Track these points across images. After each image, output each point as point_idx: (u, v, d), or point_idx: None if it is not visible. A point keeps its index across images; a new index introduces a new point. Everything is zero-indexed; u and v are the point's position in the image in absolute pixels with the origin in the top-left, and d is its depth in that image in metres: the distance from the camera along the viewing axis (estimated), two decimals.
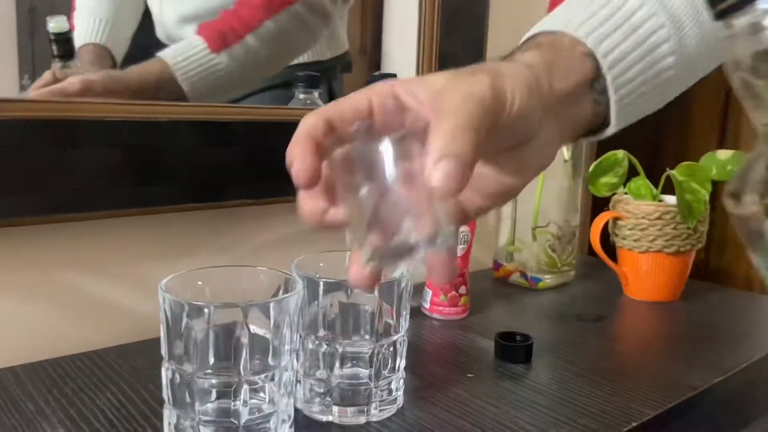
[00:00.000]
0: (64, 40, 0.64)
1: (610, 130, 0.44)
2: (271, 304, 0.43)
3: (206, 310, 0.41)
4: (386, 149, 0.33)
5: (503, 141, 0.37)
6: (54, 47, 0.63)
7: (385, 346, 0.50)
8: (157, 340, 0.44)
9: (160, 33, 0.72)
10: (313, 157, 0.34)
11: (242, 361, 0.42)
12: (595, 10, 0.40)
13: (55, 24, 0.63)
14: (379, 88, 0.37)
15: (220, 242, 0.73)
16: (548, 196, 0.87)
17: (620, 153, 0.83)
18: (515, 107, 0.36)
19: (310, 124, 0.35)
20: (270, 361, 0.44)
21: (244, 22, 0.71)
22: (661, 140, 1.28)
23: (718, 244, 1.48)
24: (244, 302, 0.43)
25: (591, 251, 0.85)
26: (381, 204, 0.34)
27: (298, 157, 0.34)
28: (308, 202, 0.35)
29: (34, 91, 0.62)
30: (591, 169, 0.85)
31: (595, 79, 0.41)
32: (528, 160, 0.40)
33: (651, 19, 0.37)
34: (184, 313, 0.41)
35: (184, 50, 0.70)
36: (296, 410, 0.50)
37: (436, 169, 0.31)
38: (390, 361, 0.51)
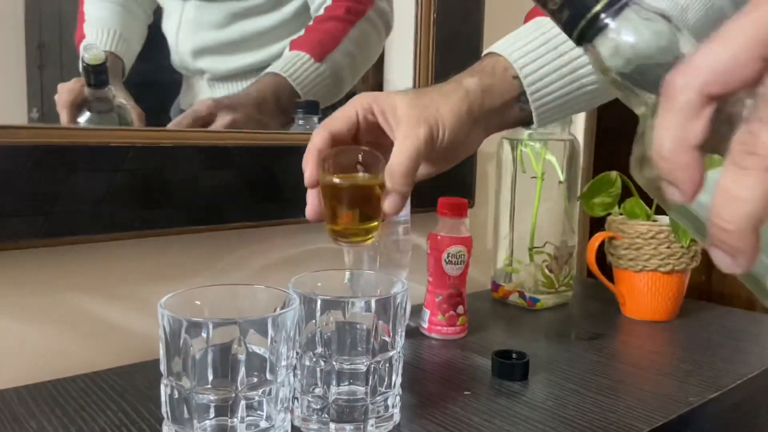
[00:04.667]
0: (100, 71, 0.67)
1: (534, 127, 0.56)
2: (269, 320, 0.44)
3: (204, 327, 0.42)
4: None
5: (436, 153, 0.50)
6: (91, 77, 0.66)
7: (381, 362, 0.51)
8: (159, 361, 0.44)
9: (175, 61, 0.75)
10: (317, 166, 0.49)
11: (239, 377, 0.43)
12: (531, 39, 0.53)
13: (91, 56, 0.66)
14: (361, 101, 0.50)
15: (221, 264, 0.74)
16: (544, 217, 0.88)
17: (613, 174, 0.84)
18: (445, 138, 0.50)
19: (317, 140, 0.49)
20: (267, 376, 0.44)
21: (332, 34, 0.79)
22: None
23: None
24: (242, 318, 0.44)
25: (591, 272, 0.86)
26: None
27: (308, 166, 0.49)
28: (312, 195, 0.50)
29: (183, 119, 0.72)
30: (585, 189, 0.86)
31: (521, 94, 0.53)
32: (454, 154, 0.53)
33: (576, 48, 0.40)
34: (183, 329, 0.42)
35: (292, 62, 0.76)
36: (295, 428, 0.51)
37: (386, 200, 0.48)
38: (386, 377, 0.51)
